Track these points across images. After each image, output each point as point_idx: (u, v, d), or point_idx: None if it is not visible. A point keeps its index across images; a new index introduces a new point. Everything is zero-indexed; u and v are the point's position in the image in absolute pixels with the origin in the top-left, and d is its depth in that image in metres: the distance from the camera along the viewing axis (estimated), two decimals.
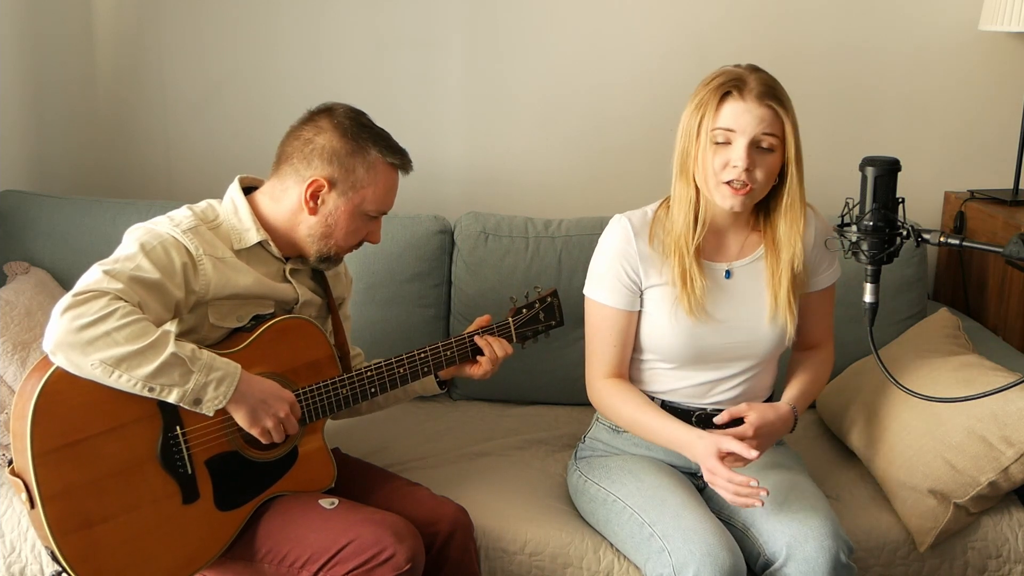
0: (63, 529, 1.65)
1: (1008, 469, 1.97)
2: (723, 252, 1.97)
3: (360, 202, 1.88)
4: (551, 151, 2.88)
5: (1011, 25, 2.54)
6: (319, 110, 1.91)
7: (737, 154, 1.81)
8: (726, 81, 1.83)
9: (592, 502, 1.99)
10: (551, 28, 2.81)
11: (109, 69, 2.88)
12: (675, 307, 1.93)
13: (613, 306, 1.97)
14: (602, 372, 2.00)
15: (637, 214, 1.99)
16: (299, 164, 1.86)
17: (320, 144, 1.85)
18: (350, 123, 1.88)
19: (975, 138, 2.86)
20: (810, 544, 1.78)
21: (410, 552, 1.73)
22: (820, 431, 2.43)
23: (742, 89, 1.82)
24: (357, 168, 1.86)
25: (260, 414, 1.75)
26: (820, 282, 2.03)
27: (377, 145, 1.88)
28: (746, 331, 1.95)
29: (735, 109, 1.82)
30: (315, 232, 1.89)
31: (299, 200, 1.87)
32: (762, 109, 1.81)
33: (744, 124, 1.81)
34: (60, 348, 1.62)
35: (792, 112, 1.85)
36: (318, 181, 1.85)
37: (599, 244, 2.01)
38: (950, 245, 1.53)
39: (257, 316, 1.86)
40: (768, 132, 1.82)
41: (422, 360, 1.97)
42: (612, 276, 1.96)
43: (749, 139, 1.81)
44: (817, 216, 2.01)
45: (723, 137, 1.82)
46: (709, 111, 1.83)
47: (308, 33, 2.82)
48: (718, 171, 1.83)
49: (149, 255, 1.73)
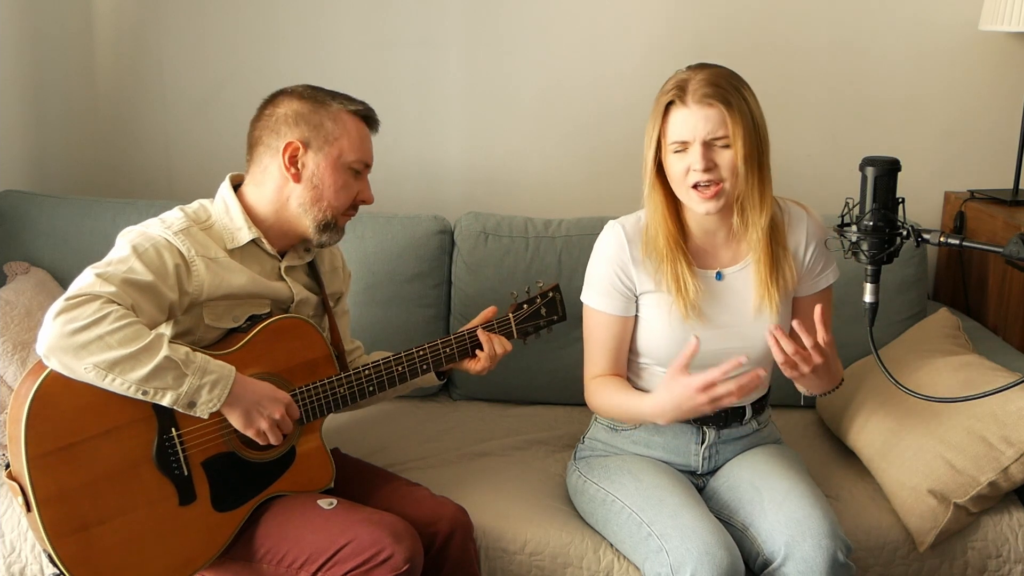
0: (59, 532, 1.65)
1: (1008, 469, 1.97)
2: (713, 259, 1.98)
3: (339, 155, 1.88)
4: (551, 151, 2.88)
5: (1011, 25, 2.54)
6: (273, 93, 1.94)
7: (694, 157, 1.83)
8: (670, 89, 1.85)
9: (591, 502, 1.99)
10: (551, 28, 2.81)
11: (109, 68, 2.88)
12: (670, 312, 1.93)
13: (608, 312, 1.97)
14: (595, 375, 2.01)
15: (631, 219, 1.99)
16: (269, 139, 1.87)
17: (282, 113, 1.87)
18: (304, 89, 1.91)
19: (975, 138, 2.86)
20: (808, 543, 1.77)
21: (408, 553, 1.73)
22: (820, 431, 2.42)
23: (684, 95, 1.83)
24: (324, 122, 1.87)
25: (255, 416, 1.74)
26: (818, 283, 2.02)
27: (336, 98, 1.90)
28: (740, 336, 1.95)
29: (680, 116, 1.84)
30: (305, 199, 1.88)
31: (280, 173, 1.87)
32: (705, 110, 1.82)
33: (691, 129, 1.83)
34: (53, 352, 1.62)
35: (740, 106, 1.83)
36: (292, 144, 1.85)
37: (594, 250, 2.01)
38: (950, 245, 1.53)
39: (253, 316, 1.86)
40: (715, 134, 1.83)
41: (421, 358, 1.97)
42: (607, 283, 1.97)
43: (700, 142, 1.82)
44: (810, 216, 2.00)
45: (678, 146, 1.84)
46: (658, 123, 1.86)
47: (308, 32, 2.82)
48: (683, 177, 1.85)
49: (141, 257, 1.73)
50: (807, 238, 1.98)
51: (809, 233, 1.98)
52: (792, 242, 1.97)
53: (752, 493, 1.91)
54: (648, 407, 1.89)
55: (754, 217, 1.90)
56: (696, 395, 1.78)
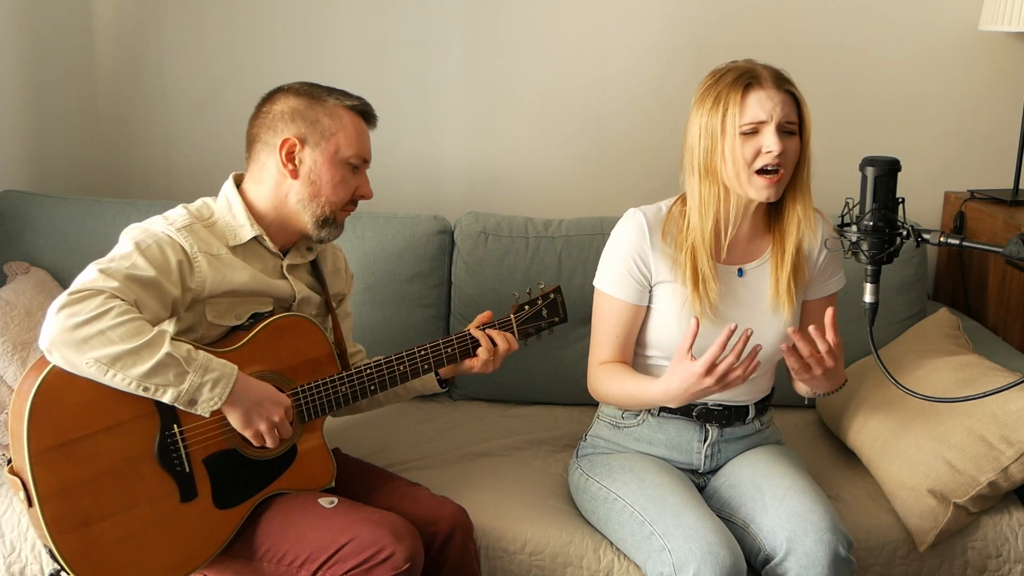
0: (61, 528, 1.65)
1: (1008, 469, 1.97)
2: (734, 254, 1.98)
3: (335, 150, 1.88)
4: (551, 151, 2.88)
5: (1011, 25, 2.54)
6: (271, 90, 1.94)
7: (769, 139, 1.83)
8: (741, 75, 1.86)
9: (593, 500, 1.99)
10: (551, 28, 2.81)
11: (109, 68, 2.88)
12: (684, 306, 1.93)
13: (621, 299, 1.97)
14: (601, 361, 2.01)
15: (651, 209, 1.99)
16: (266, 136, 1.88)
17: (279, 110, 1.88)
18: (301, 85, 1.92)
19: (975, 138, 2.86)
20: (809, 538, 1.78)
21: (409, 552, 1.73)
22: (820, 431, 2.43)
23: (759, 79, 1.85)
24: (321, 118, 1.87)
25: (254, 417, 1.75)
26: (826, 288, 2.04)
27: (332, 94, 1.91)
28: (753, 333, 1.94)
29: (759, 98, 1.84)
30: (303, 195, 1.88)
31: (278, 169, 1.88)
32: (782, 94, 1.85)
33: (770, 110, 1.83)
34: (55, 346, 1.62)
35: (803, 96, 1.89)
36: (288, 140, 1.86)
37: (612, 236, 2.01)
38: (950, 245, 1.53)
39: (256, 314, 1.86)
40: (790, 117, 1.85)
41: (422, 357, 1.97)
42: (623, 269, 1.96)
43: (776, 124, 1.83)
44: (826, 221, 2.02)
45: (751, 128, 1.84)
46: (733, 106, 1.84)
47: (308, 32, 2.82)
48: (750, 161, 1.85)
49: (144, 253, 1.73)
50: (822, 242, 2.00)
51: (824, 237, 2.00)
52: (807, 244, 1.98)
53: (753, 490, 1.91)
54: (657, 391, 1.88)
55: (805, 211, 1.92)
56: (702, 379, 1.78)
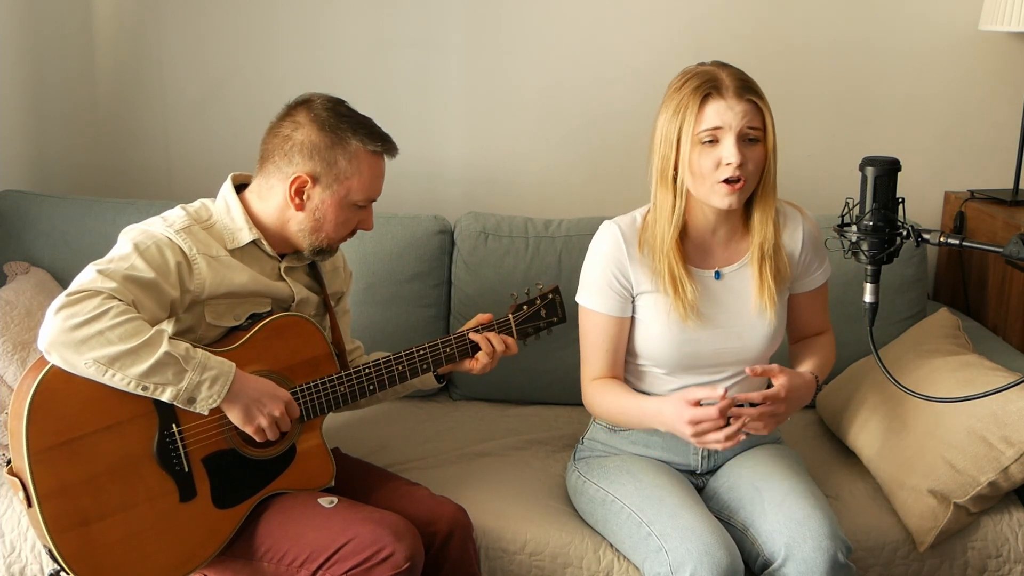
0: (60, 527, 1.65)
1: (1008, 469, 1.97)
2: (711, 259, 1.98)
3: (346, 194, 1.87)
4: (551, 151, 2.88)
5: (1011, 25, 2.54)
6: (296, 103, 1.89)
7: (728, 151, 1.81)
8: (702, 83, 1.83)
9: (591, 502, 1.99)
10: (551, 28, 2.81)
11: (109, 68, 2.88)
12: (668, 313, 1.93)
13: (604, 313, 1.96)
14: (594, 377, 2.01)
15: (626, 220, 1.99)
16: (281, 162, 1.86)
17: (299, 140, 1.84)
18: (328, 115, 1.85)
19: (975, 138, 2.86)
20: (808, 544, 1.77)
21: (409, 551, 1.73)
22: (820, 431, 2.42)
23: (720, 88, 1.82)
24: (339, 160, 1.85)
25: (254, 413, 1.75)
26: (812, 282, 2.04)
27: (357, 134, 1.86)
28: (737, 336, 1.95)
29: (717, 108, 1.82)
30: (305, 227, 1.88)
31: (285, 197, 1.87)
32: (743, 104, 1.82)
33: (729, 120, 1.81)
34: (54, 347, 1.62)
35: (767, 102, 1.86)
36: (301, 178, 1.84)
37: (589, 251, 2.00)
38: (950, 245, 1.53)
39: (254, 314, 1.87)
40: (752, 124, 1.83)
41: (421, 357, 1.97)
42: (603, 283, 1.96)
43: (736, 134, 1.81)
44: (805, 217, 2.02)
45: (710, 136, 1.83)
46: (690, 115, 1.83)
47: (308, 33, 2.82)
48: (711, 171, 1.83)
49: (143, 255, 1.74)
50: (803, 237, 1.99)
51: (804, 232, 1.99)
52: (787, 241, 1.98)
53: (752, 493, 1.91)
54: (651, 413, 1.90)
55: (765, 214, 1.91)
56: (685, 426, 1.81)
